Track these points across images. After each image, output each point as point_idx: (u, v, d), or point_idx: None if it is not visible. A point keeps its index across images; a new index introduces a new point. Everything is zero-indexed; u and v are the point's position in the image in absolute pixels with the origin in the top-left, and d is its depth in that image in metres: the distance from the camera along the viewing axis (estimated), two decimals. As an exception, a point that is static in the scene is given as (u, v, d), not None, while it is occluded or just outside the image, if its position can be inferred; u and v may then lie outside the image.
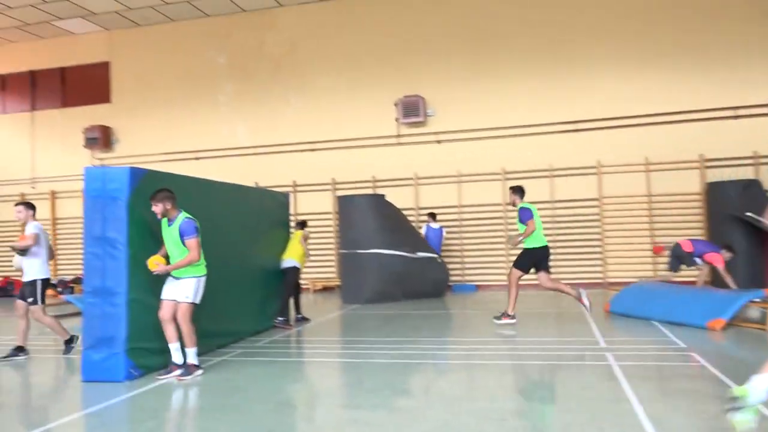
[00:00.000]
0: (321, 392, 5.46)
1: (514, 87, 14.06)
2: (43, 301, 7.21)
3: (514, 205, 8.78)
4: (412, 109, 14.26)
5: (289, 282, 9.03)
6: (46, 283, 7.24)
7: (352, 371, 6.15)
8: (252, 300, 8.40)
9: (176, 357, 5.87)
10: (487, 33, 14.28)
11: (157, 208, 5.79)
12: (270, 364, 6.52)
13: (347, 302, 11.96)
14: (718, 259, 9.76)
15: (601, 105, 13.55)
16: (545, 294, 12.56)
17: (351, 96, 15.01)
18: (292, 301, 9.30)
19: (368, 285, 11.81)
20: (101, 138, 16.29)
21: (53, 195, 17.07)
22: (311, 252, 10.34)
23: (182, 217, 5.84)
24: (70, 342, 7.37)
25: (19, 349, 7.16)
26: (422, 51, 14.63)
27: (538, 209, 13.77)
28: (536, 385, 5.15)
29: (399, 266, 11.89)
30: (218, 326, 7.38)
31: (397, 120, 14.57)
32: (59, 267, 16.92)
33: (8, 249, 7.26)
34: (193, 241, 5.78)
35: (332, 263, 14.96)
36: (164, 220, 5.90)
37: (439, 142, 14.47)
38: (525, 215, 8.37)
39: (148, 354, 6.04)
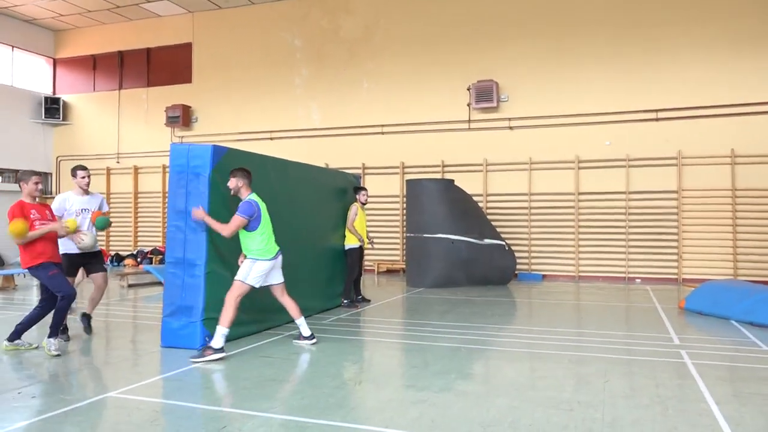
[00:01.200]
0: (387, 372, 5.55)
1: (591, 73, 13.60)
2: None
3: None
4: (485, 94, 14.06)
5: (348, 264, 9.17)
6: None
7: (417, 353, 6.22)
8: (321, 278, 8.62)
9: (306, 331, 6.41)
10: (563, 17, 13.86)
11: (231, 183, 6.01)
12: (338, 342, 6.68)
13: (411, 285, 12.05)
14: None
15: (683, 93, 12.92)
16: (613, 287, 12.22)
17: (423, 80, 14.96)
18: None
19: (433, 269, 11.85)
20: (182, 116, 16.97)
21: (136, 170, 17.96)
22: (373, 230, 10.47)
23: (248, 197, 6.00)
24: (88, 318, 7.12)
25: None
26: (497, 35, 14.37)
27: (615, 199, 13.45)
28: (605, 378, 5.05)
29: (465, 252, 11.86)
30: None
31: (469, 105, 14.41)
32: (139, 238, 17.86)
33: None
34: (235, 218, 5.85)
35: (397, 246, 15.08)
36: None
37: (511, 128, 14.23)
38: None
39: (223, 324, 6.32)
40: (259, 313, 6.91)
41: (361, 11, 15.64)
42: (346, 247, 9.18)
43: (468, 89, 14.34)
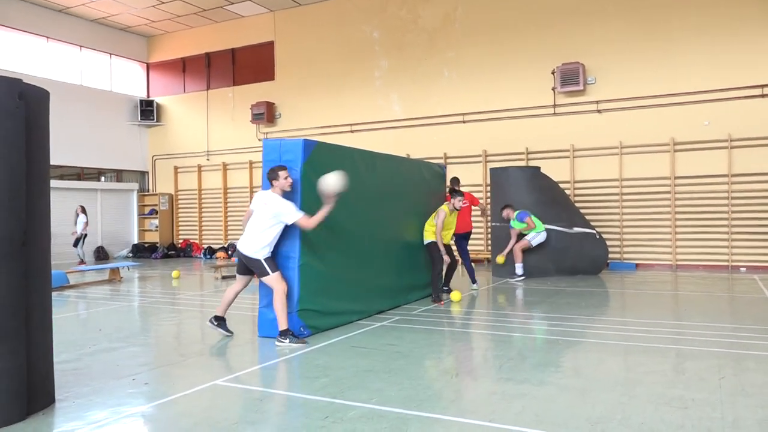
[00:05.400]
0: (483, 363, 5.46)
1: (686, 49, 12.78)
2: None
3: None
4: (570, 76, 13.55)
5: (432, 257, 8.97)
6: None
7: (511, 345, 6.08)
8: (409, 268, 8.60)
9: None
10: (657, -9, 13.09)
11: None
12: (429, 332, 6.65)
13: (497, 275, 11.83)
14: None
15: (795, 66, 11.91)
16: (715, 276, 11.50)
17: (505, 66, 14.60)
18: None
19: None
20: (266, 113, 17.45)
21: (224, 166, 18.66)
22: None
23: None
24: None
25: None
26: (582, 15, 13.78)
27: (716, 183, 12.57)
28: (720, 374, 4.73)
29: (554, 241, 11.50)
30: (379, 292, 7.67)
31: (553, 89, 13.94)
32: (229, 232, 18.56)
33: (189, 215, 6.84)
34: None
35: (481, 235, 14.86)
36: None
37: (599, 111, 13.64)
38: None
39: (317, 315, 6.44)
40: (354, 302, 6.99)
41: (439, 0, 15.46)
42: (425, 242, 9.02)
43: (552, 73, 13.87)
